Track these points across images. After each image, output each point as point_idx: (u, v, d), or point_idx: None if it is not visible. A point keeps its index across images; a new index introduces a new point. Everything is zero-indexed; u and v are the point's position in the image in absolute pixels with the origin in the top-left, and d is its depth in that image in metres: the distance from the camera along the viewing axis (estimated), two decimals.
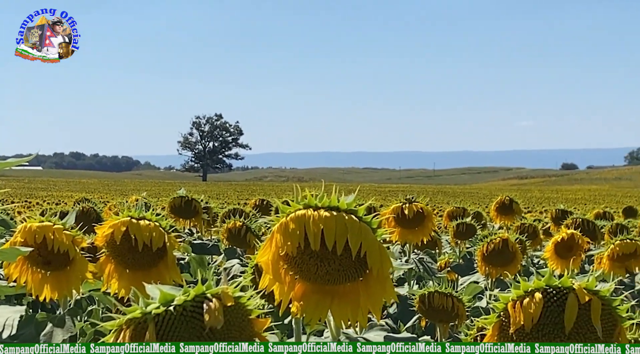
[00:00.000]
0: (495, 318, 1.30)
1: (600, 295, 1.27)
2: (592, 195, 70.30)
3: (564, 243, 3.82)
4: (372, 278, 1.37)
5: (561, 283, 1.26)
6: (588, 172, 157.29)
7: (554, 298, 1.25)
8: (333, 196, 1.35)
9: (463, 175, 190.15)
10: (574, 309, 1.23)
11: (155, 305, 1.08)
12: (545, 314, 1.24)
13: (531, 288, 1.27)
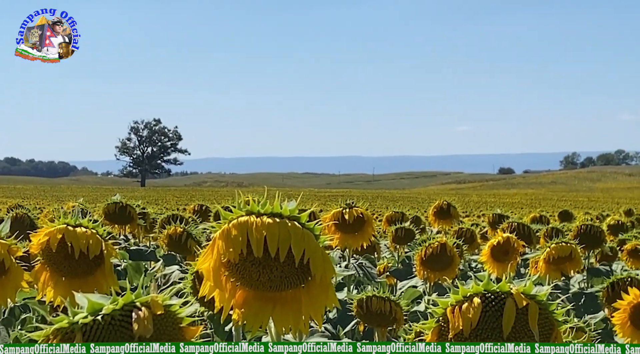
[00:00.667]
0: (434, 323, 1.31)
1: (537, 299, 1.29)
2: (529, 199, 71.52)
3: (500, 246, 3.88)
4: (314, 285, 1.38)
5: (499, 288, 1.28)
6: (525, 176, 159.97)
7: (492, 302, 1.27)
8: (276, 202, 1.35)
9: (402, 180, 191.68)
10: (511, 314, 1.25)
11: (82, 315, 1.06)
12: (484, 319, 1.26)
13: (470, 293, 1.29)
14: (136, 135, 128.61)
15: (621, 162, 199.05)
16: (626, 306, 2.88)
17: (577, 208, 35.08)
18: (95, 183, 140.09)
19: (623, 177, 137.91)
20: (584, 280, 5.26)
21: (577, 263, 4.05)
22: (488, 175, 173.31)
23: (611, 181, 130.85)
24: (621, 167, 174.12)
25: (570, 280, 5.17)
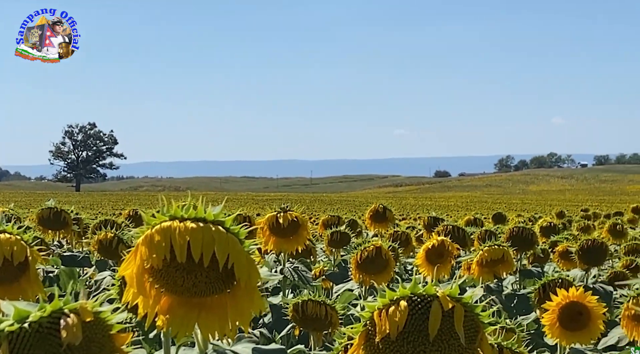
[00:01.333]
0: (361, 327, 1.31)
1: (463, 301, 1.29)
2: (464, 201, 72.44)
3: (434, 249, 3.91)
4: (240, 290, 1.36)
5: (425, 291, 1.28)
6: (460, 179, 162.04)
7: (419, 305, 1.27)
8: (200, 207, 1.33)
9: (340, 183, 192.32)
10: (437, 317, 1.25)
11: (8, 322, 1.03)
12: (411, 321, 1.26)
13: (396, 297, 1.28)
14: (71, 139, 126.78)
15: (553, 165, 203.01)
16: (555, 307, 2.92)
17: (511, 211, 35.61)
18: (28, 188, 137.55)
19: (555, 179, 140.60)
20: (516, 281, 5.34)
21: (509, 265, 4.10)
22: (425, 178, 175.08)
23: (544, 183, 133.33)
24: (553, 169, 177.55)
25: (503, 281, 5.23)
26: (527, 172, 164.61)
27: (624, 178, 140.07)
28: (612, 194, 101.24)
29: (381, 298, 1.29)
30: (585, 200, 70.13)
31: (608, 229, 8.16)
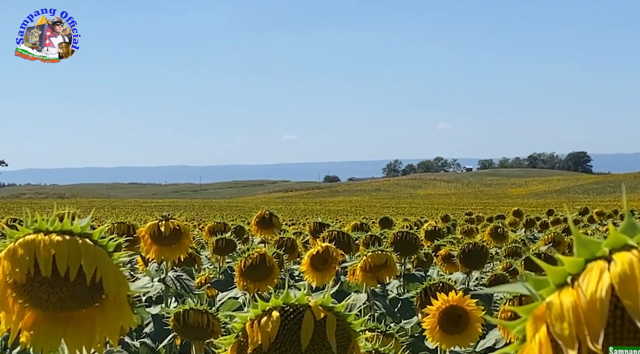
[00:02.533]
0: (233, 338, 1.29)
1: (335, 310, 1.29)
2: (354, 206, 73.18)
3: (319, 256, 3.92)
4: (109, 303, 1.32)
5: (298, 300, 1.28)
6: (349, 184, 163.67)
7: (291, 316, 1.26)
8: (66, 219, 1.29)
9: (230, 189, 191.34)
10: (309, 326, 1.24)
11: None
12: (283, 332, 1.25)
13: (269, 307, 1.27)
14: None
15: (440, 169, 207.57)
16: (435, 311, 2.97)
17: (399, 215, 36.22)
18: None
19: (442, 183, 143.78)
20: (401, 285, 5.42)
21: (392, 270, 4.14)
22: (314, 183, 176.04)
23: (431, 187, 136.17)
24: (440, 173, 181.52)
25: (388, 285, 5.31)
26: (414, 177, 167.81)
27: (507, 182, 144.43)
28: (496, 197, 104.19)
29: (253, 308, 1.28)
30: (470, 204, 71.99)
31: (489, 232, 8.38)
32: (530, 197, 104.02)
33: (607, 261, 0.66)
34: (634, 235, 0.67)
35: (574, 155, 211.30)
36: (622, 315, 0.64)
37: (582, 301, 0.64)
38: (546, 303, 0.66)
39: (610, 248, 0.67)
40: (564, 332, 0.63)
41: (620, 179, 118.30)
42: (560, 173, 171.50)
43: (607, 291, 0.63)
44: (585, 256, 0.67)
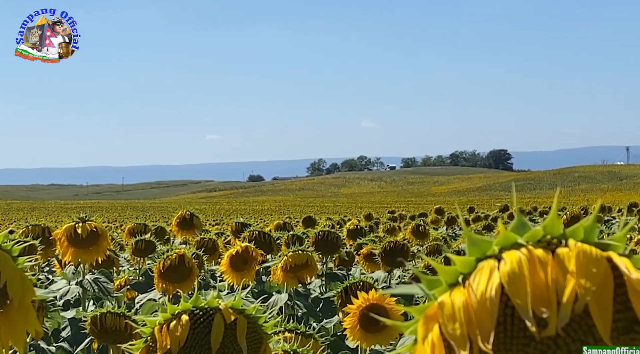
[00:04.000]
0: (142, 343, 1.27)
1: (246, 313, 1.29)
2: (278, 205, 73.16)
3: (238, 256, 3.90)
4: (13, 309, 1.29)
5: (208, 303, 1.27)
6: (274, 184, 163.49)
7: (201, 319, 1.25)
8: None
9: (153, 189, 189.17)
10: (219, 330, 1.23)
11: None
12: (192, 336, 1.24)
13: (178, 311, 1.26)
14: None
15: (364, 168, 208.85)
16: (356, 310, 2.99)
17: (323, 213, 36.33)
18: None
19: (366, 182, 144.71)
20: (323, 285, 5.44)
21: (313, 270, 4.16)
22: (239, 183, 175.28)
23: (355, 186, 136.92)
24: (364, 172, 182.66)
25: (310, 285, 5.32)
26: (338, 175, 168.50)
27: (430, 180, 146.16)
28: (419, 195, 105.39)
29: (162, 312, 1.26)
30: (394, 202, 72.64)
31: (411, 230, 8.47)
32: (452, 195, 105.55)
33: (497, 260, 0.67)
34: (524, 233, 0.68)
35: (495, 153, 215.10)
36: (513, 314, 0.65)
37: (472, 301, 0.64)
38: (438, 303, 0.67)
39: (500, 246, 0.68)
40: (455, 332, 0.64)
41: (540, 176, 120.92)
42: (481, 171, 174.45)
43: (497, 290, 0.64)
44: (476, 255, 0.68)
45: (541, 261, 0.64)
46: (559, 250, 0.65)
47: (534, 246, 0.66)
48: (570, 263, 0.64)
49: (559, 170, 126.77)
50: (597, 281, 0.63)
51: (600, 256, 0.64)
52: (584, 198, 66.98)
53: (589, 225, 0.68)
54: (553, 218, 0.68)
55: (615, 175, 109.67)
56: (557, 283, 0.63)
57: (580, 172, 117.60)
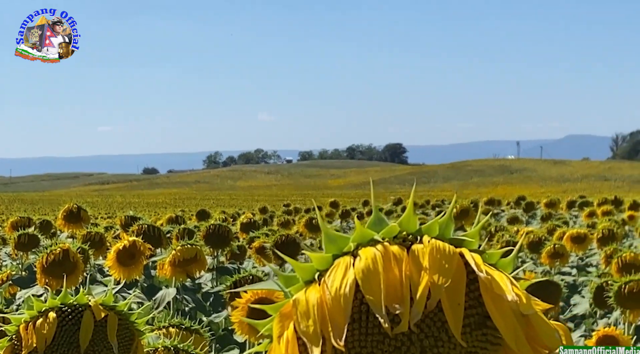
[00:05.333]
0: (6, 342, 1.23)
1: (117, 310, 1.26)
2: (173, 198, 72.38)
3: (125, 250, 3.83)
4: None
5: (77, 300, 1.23)
6: (169, 176, 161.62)
7: (70, 316, 1.22)
8: None
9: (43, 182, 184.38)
10: (89, 327, 1.20)
11: None
12: (60, 334, 1.20)
13: (45, 308, 1.22)
14: None
15: (261, 161, 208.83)
16: (244, 304, 2.97)
17: (219, 206, 36.15)
18: None
19: (262, 175, 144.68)
20: (213, 279, 5.40)
21: (202, 264, 4.12)
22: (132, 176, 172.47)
23: (252, 179, 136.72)
24: (261, 165, 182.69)
25: (201, 279, 5.27)
26: (235, 168, 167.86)
27: (326, 173, 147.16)
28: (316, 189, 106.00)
29: (29, 310, 1.22)
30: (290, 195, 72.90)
31: (305, 224, 8.52)
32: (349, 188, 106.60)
33: (353, 257, 0.66)
34: (380, 229, 0.68)
35: (391, 147, 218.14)
36: (368, 310, 0.64)
37: (327, 298, 0.64)
38: (293, 301, 0.66)
39: (357, 243, 0.67)
40: (309, 329, 0.63)
41: (434, 170, 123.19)
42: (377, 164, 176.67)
43: (351, 287, 0.64)
44: (333, 251, 0.68)
45: (396, 258, 0.64)
46: (414, 246, 0.65)
47: (390, 243, 0.66)
48: (424, 259, 0.64)
49: (453, 163, 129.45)
50: (450, 277, 0.63)
51: (453, 253, 0.65)
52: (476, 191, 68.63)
53: (444, 221, 0.68)
54: (409, 215, 0.68)
55: (507, 168, 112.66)
56: (411, 279, 0.63)
57: (473, 165, 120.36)
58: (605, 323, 4.08)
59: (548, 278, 4.60)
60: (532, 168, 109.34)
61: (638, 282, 3.56)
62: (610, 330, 3.24)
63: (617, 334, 3.20)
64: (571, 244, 6.56)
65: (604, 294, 3.82)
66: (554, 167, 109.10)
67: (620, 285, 3.61)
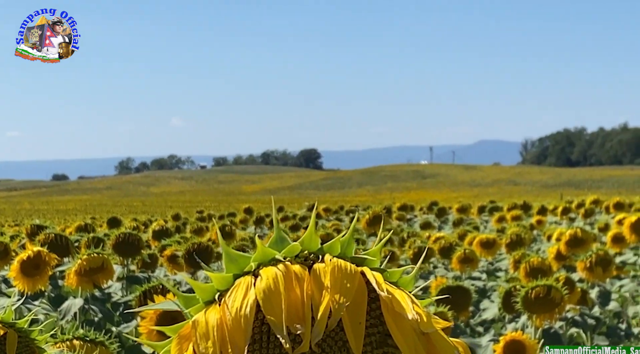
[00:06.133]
0: None
1: (17, 327, 1.22)
2: (84, 205, 71.02)
3: (30, 260, 3.73)
4: None
5: None
6: (79, 182, 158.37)
7: None
8: None
9: None
10: None
11: None
12: None
13: None
14: None
15: (174, 167, 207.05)
16: (153, 315, 2.92)
17: (131, 213, 35.60)
18: None
19: (176, 181, 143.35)
20: (123, 288, 5.31)
21: (110, 273, 4.04)
22: (41, 182, 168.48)
23: (165, 185, 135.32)
24: (174, 171, 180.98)
25: (110, 289, 5.18)
26: (148, 174, 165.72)
27: (241, 179, 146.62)
28: (230, 194, 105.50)
29: None
30: (204, 201, 72.39)
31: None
32: (264, 194, 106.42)
33: (254, 277, 0.65)
34: (282, 248, 0.68)
35: (306, 152, 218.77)
36: (269, 331, 0.64)
37: (227, 319, 0.63)
38: (192, 322, 0.64)
39: (258, 262, 0.67)
40: (208, 351, 0.62)
41: (348, 175, 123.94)
42: (292, 169, 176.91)
43: (252, 307, 0.63)
44: (234, 271, 0.67)
45: (298, 277, 0.64)
46: (316, 266, 0.65)
47: (291, 262, 0.66)
48: (325, 278, 0.63)
49: (367, 169, 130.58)
50: (351, 296, 0.63)
51: (355, 271, 0.65)
52: (390, 196, 69.37)
53: (346, 239, 0.68)
54: (311, 233, 0.68)
55: (420, 173, 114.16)
56: (313, 299, 0.63)
57: (387, 170, 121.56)
58: (514, 328, 4.15)
59: (459, 284, 4.67)
60: (445, 173, 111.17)
61: (544, 287, 3.65)
62: (517, 334, 3.30)
63: (524, 339, 3.27)
64: (481, 249, 6.69)
65: (511, 299, 3.89)
66: (466, 172, 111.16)
67: (527, 290, 3.69)
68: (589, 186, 78.32)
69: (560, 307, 3.72)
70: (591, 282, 5.29)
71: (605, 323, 5.59)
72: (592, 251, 5.14)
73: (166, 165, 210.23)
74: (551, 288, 3.64)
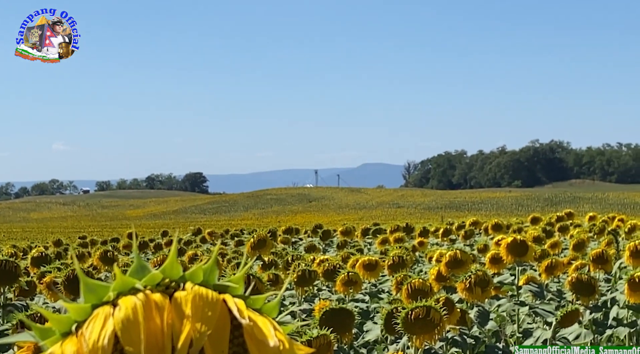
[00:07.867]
0: None
1: None
2: None
3: None
4: None
5: None
6: None
7: None
8: None
9: None
10: None
11: None
12: None
13: None
14: None
15: (56, 192, 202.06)
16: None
17: (11, 240, 34.52)
18: None
19: (58, 206, 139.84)
20: (0, 316, 5.14)
21: None
22: None
23: (46, 211, 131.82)
24: (56, 196, 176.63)
25: None
26: (28, 200, 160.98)
27: (125, 203, 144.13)
28: (114, 219, 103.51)
29: None
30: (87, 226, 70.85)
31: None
32: (148, 218, 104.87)
33: (113, 306, 0.64)
34: (142, 277, 0.67)
35: (191, 176, 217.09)
36: None
37: (84, 351, 0.61)
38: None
39: (117, 292, 0.65)
40: None
41: (234, 199, 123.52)
42: (177, 193, 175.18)
43: (110, 338, 0.61)
44: (92, 301, 0.65)
45: (158, 306, 0.63)
46: (177, 294, 0.64)
47: (152, 291, 0.65)
48: (186, 307, 0.63)
49: (253, 192, 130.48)
50: (213, 324, 0.62)
51: (217, 299, 0.64)
52: (276, 219, 69.47)
53: (208, 267, 0.68)
54: (172, 261, 0.67)
55: (305, 197, 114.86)
56: (173, 328, 0.62)
57: (273, 194, 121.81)
58: (395, 349, 4.21)
59: (342, 306, 4.71)
60: (330, 196, 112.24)
61: (423, 308, 3.71)
62: None
63: None
64: (364, 271, 6.75)
65: (393, 320, 3.94)
66: (351, 195, 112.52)
67: (407, 312, 3.74)
68: (469, 208, 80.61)
69: (440, 328, 3.79)
70: (470, 302, 5.40)
71: (484, 342, 5.73)
72: (471, 272, 5.26)
73: (47, 190, 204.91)
74: (430, 309, 3.70)
